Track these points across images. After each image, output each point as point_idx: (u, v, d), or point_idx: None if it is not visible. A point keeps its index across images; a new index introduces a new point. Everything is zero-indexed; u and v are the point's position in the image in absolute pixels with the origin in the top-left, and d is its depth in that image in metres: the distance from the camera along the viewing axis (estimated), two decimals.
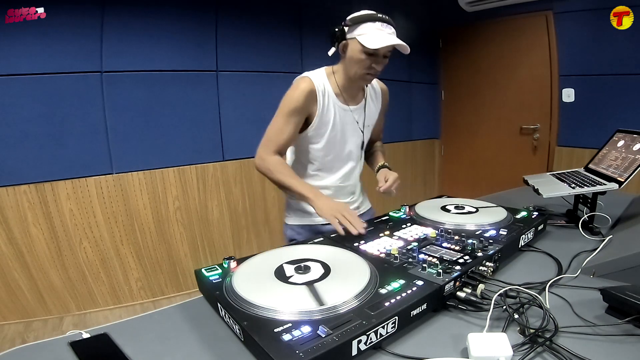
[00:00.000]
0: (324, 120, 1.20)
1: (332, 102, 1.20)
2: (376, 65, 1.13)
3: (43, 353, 0.67)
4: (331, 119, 1.20)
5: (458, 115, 3.95)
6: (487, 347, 0.59)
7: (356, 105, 1.26)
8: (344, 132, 1.24)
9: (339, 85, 1.21)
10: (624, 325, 0.67)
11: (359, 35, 1.09)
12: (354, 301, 0.68)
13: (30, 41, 2.01)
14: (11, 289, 2.17)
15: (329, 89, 1.20)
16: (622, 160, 1.24)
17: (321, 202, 1.11)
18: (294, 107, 1.14)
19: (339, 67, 1.21)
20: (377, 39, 1.07)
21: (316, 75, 1.19)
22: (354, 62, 1.13)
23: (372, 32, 1.08)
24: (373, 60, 1.12)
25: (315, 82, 1.17)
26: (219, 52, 2.56)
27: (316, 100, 1.16)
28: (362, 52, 1.10)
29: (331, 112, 1.20)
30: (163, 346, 0.68)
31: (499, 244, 0.95)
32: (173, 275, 2.62)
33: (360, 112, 1.28)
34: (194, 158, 2.58)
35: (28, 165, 2.09)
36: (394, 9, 3.39)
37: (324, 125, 1.20)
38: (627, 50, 2.66)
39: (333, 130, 1.22)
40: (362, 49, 1.09)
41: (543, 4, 3.09)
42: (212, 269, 0.86)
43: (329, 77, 1.21)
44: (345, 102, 1.23)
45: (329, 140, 1.23)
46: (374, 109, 1.34)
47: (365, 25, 1.08)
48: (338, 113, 1.21)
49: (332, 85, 1.21)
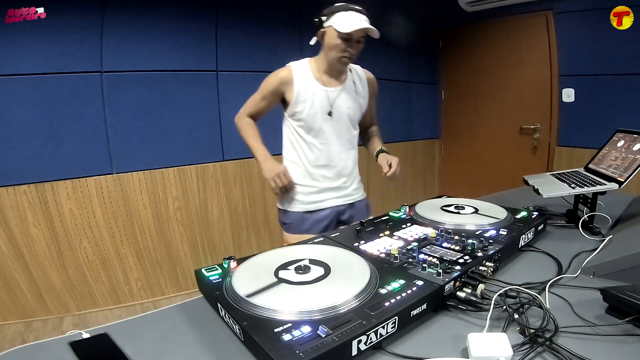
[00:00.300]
0: (301, 99, 1.35)
1: (311, 84, 1.36)
2: (351, 48, 1.28)
3: (43, 353, 0.67)
4: (309, 98, 1.35)
5: (458, 115, 3.95)
6: (487, 347, 0.59)
7: (336, 87, 1.39)
8: (323, 110, 1.37)
9: (319, 70, 1.37)
10: (624, 325, 0.67)
11: (334, 22, 1.25)
12: (354, 301, 0.68)
13: (30, 41, 2.01)
14: (11, 289, 2.17)
15: (307, 73, 1.36)
16: (622, 160, 1.24)
17: (265, 164, 1.36)
18: (267, 89, 1.38)
19: (320, 54, 1.38)
20: (349, 24, 1.22)
21: (298, 63, 1.39)
22: (331, 46, 1.29)
23: (345, 18, 1.23)
24: (348, 45, 1.27)
25: (295, 68, 1.36)
26: (219, 52, 2.56)
27: (292, 84, 1.35)
28: (337, 37, 1.25)
29: (310, 93, 1.35)
30: (163, 346, 0.68)
31: (499, 244, 0.95)
32: (173, 275, 2.62)
33: (342, 94, 1.40)
34: (194, 158, 2.58)
35: (28, 165, 2.09)
36: (394, 9, 3.40)
37: (302, 103, 1.35)
38: (627, 50, 2.66)
39: (312, 108, 1.36)
40: (337, 34, 1.25)
41: (543, 4, 3.09)
42: (212, 269, 0.86)
43: (311, 64, 1.39)
44: (323, 84, 1.37)
45: (309, 117, 1.37)
46: (362, 93, 1.46)
47: (339, 14, 1.24)
48: (317, 94, 1.36)
49: (312, 70, 1.37)
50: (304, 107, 1.35)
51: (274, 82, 1.36)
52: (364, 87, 1.46)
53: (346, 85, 1.40)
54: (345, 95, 1.40)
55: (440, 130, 4.15)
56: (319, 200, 1.44)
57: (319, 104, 1.36)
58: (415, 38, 3.64)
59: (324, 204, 1.45)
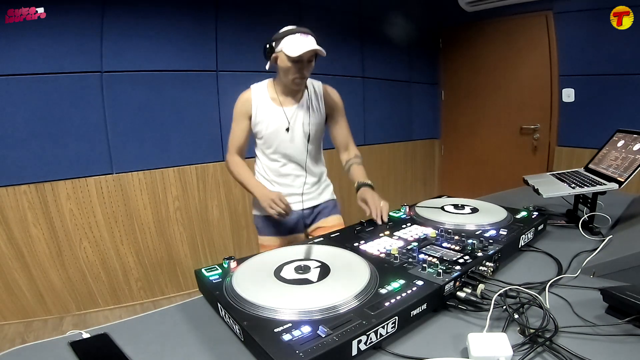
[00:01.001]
0: (259, 119, 1.43)
1: (268, 104, 1.43)
2: (303, 70, 1.32)
3: (43, 353, 0.67)
4: (265, 118, 1.42)
5: (458, 115, 3.95)
6: (487, 347, 0.59)
7: (291, 106, 1.44)
8: (279, 128, 1.43)
9: (276, 91, 1.44)
10: (624, 325, 0.67)
11: (284, 47, 1.29)
12: (354, 301, 0.69)
13: (30, 41, 2.01)
14: (11, 289, 2.17)
15: (265, 95, 1.43)
16: (622, 160, 1.24)
17: (259, 193, 1.37)
18: (237, 113, 1.45)
19: (277, 76, 1.43)
20: (297, 47, 1.25)
21: (257, 85, 1.46)
22: (284, 70, 1.33)
23: (293, 42, 1.27)
24: (299, 66, 1.31)
25: (254, 90, 1.44)
26: (219, 52, 2.56)
27: (251, 104, 1.42)
28: (288, 61, 1.29)
29: (267, 113, 1.42)
30: (163, 346, 0.68)
31: (499, 244, 0.95)
32: (173, 275, 2.62)
33: (298, 112, 1.44)
34: (194, 158, 2.58)
35: (28, 165, 2.09)
36: (394, 9, 3.40)
37: (259, 123, 1.43)
38: (627, 50, 2.66)
39: (268, 127, 1.42)
40: (287, 58, 1.28)
41: (543, 4, 3.09)
42: (212, 269, 0.86)
43: (269, 85, 1.46)
44: (280, 104, 1.43)
45: (267, 135, 1.44)
46: (318, 108, 1.49)
47: (287, 39, 1.28)
48: (273, 113, 1.42)
49: (269, 91, 1.44)
50: (262, 127, 1.43)
51: (240, 105, 1.44)
52: (320, 103, 1.50)
53: (302, 103, 1.46)
54: (302, 113, 1.45)
55: (440, 130, 4.15)
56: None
57: (275, 123, 1.42)
58: (415, 38, 3.64)
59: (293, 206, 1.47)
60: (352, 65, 3.21)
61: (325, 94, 1.51)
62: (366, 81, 3.31)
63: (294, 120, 1.44)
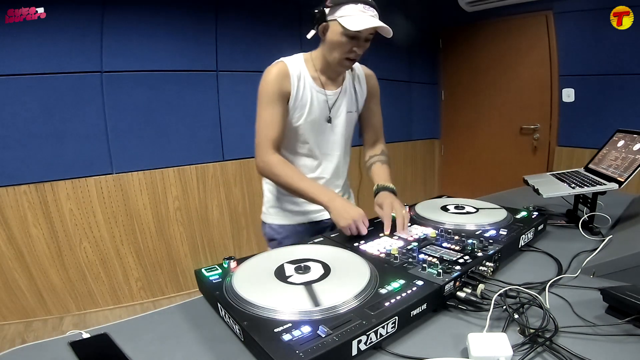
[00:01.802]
0: (299, 104, 1.14)
1: (309, 85, 1.15)
2: (357, 48, 1.08)
3: (43, 353, 0.67)
4: (307, 102, 1.15)
5: (458, 115, 3.95)
6: (487, 347, 0.59)
7: (335, 89, 1.20)
8: (322, 117, 1.19)
9: (316, 69, 1.17)
10: (624, 325, 0.67)
11: (340, 17, 1.04)
12: (354, 301, 0.68)
13: (30, 41, 2.01)
14: (11, 289, 2.17)
15: (304, 72, 1.15)
16: (622, 160, 1.24)
17: (337, 208, 1.04)
18: (272, 92, 1.11)
19: (318, 51, 1.17)
20: (359, 21, 1.02)
21: (292, 59, 1.16)
22: (334, 45, 1.08)
23: (354, 13, 1.03)
24: (354, 44, 1.07)
25: (289, 64, 1.13)
26: (219, 52, 2.56)
27: (290, 81, 1.12)
28: (342, 35, 1.05)
29: (307, 96, 1.15)
30: (163, 346, 0.68)
31: (499, 244, 0.95)
32: (173, 275, 2.62)
33: (342, 97, 1.21)
34: (194, 158, 2.58)
35: (28, 165, 2.09)
36: (394, 9, 3.40)
37: (299, 108, 1.15)
38: (627, 50, 2.66)
39: (310, 114, 1.16)
40: (342, 31, 1.04)
41: (543, 4, 3.09)
42: (212, 269, 0.86)
43: (307, 62, 1.17)
44: (322, 86, 1.17)
45: (306, 125, 1.17)
46: (361, 93, 1.27)
47: (346, 7, 1.03)
48: (315, 97, 1.16)
49: (309, 69, 1.16)
50: (301, 113, 1.15)
51: (273, 81, 1.11)
52: (362, 88, 1.28)
53: (345, 87, 1.22)
54: (345, 100, 1.22)
55: (440, 130, 4.15)
56: (314, 210, 1.26)
57: (318, 110, 1.17)
58: (416, 38, 3.64)
59: (319, 216, 1.28)
60: None
61: (367, 76, 1.28)
62: None
63: (337, 109, 1.20)
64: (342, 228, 1.04)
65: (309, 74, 1.16)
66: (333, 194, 1.10)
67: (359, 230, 1.02)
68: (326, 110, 1.19)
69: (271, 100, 1.11)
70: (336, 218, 1.04)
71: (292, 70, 1.13)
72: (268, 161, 1.13)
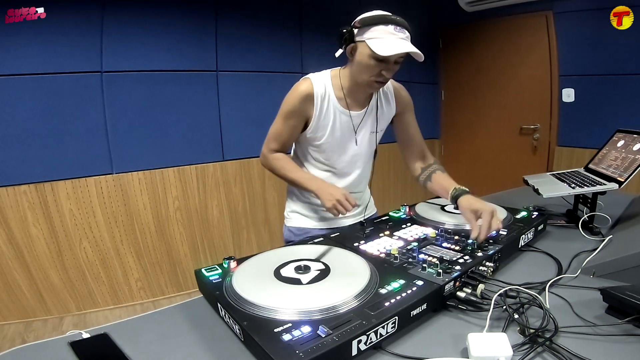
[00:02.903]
0: (322, 124, 1.15)
1: (333, 105, 1.14)
2: (386, 72, 1.05)
3: (43, 353, 0.67)
4: (329, 123, 1.15)
5: (458, 115, 3.95)
6: (487, 347, 0.59)
7: (360, 110, 1.18)
8: (344, 137, 1.18)
9: (343, 89, 1.15)
10: (624, 325, 0.67)
11: (369, 39, 1.00)
12: (354, 301, 0.68)
13: (30, 41, 2.01)
14: (11, 289, 2.17)
15: (330, 92, 1.14)
16: (622, 160, 1.24)
17: (319, 189, 1.11)
18: (290, 109, 1.13)
19: (346, 70, 1.14)
20: (389, 45, 0.98)
21: (318, 77, 1.14)
22: (362, 67, 1.05)
23: (383, 36, 0.99)
24: (383, 67, 1.03)
25: (316, 84, 1.12)
26: (219, 52, 2.56)
27: (313, 103, 1.12)
28: (371, 58, 1.01)
29: (330, 116, 1.14)
30: (163, 346, 0.68)
31: (499, 244, 0.95)
32: (173, 275, 2.62)
33: (367, 117, 1.20)
34: (194, 158, 2.58)
35: (28, 165, 2.09)
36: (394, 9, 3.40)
37: (321, 129, 1.15)
38: (627, 50, 2.66)
39: (332, 135, 1.16)
40: (371, 54, 1.00)
41: (543, 4, 3.09)
42: (212, 269, 0.86)
43: (334, 80, 1.15)
44: (347, 107, 1.16)
45: (327, 145, 1.17)
46: (388, 112, 1.25)
47: (376, 28, 0.99)
48: (338, 118, 1.15)
49: (335, 89, 1.15)
50: (324, 133, 1.15)
51: (295, 100, 1.12)
52: (391, 105, 1.25)
53: (371, 107, 1.20)
54: (370, 120, 1.20)
55: (440, 130, 4.15)
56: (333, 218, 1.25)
57: (340, 131, 1.16)
58: (415, 38, 3.63)
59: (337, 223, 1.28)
60: None
61: (396, 90, 1.26)
62: None
63: (362, 129, 1.19)
64: (329, 210, 1.08)
65: (334, 93, 1.15)
66: (321, 181, 1.15)
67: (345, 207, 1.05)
68: (350, 131, 1.19)
69: (288, 115, 1.14)
70: (323, 202, 1.09)
71: (317, 90, 1.12)
72: (268, 156, 1.21)
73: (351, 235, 1.06)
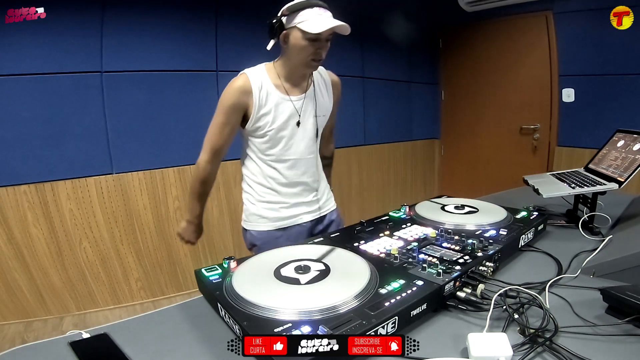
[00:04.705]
0: (263, 113, 1.19)
1: (273, 94, 1.20)
2: (320, 50, 1.14)
3: (43, 353, 0.67)
4: (271, 110, 1.19)
5: (458, 115, 3.95)
6: (487, 347, 0.59)
7: (299, 95, 1.24)
8: (288, 123, 1.23)
9: (280, 77, 1.22)
10: (624, 325, 0.67)
11: (299, 22, 1.09)
12: (354, 301, 0.68)
13: (30, 41, 2.01)
14: (11, 289, 2.17)
15: (267, 82, 1.20)
16: (622, 160, 1.24)
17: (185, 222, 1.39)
18: (228, 104, 1.17)
19: (280, 60, 1.22)
20: (318, 24, 1.07)
21: (253, 71, 1.22)
22: (297, 50, 1.13)
23: (312, 17, 1.08)
24: (317, 46, 1.12)
25: (251, 76, 1.19)
26: (219, 52, 2.56)
27: (251, 94, 1.17)
28: (304, 39, 1.11)
29: (271, 104, 1.19)
30: (163, 346, 0.68)
31: (499, 244, 0.95)
32: (173, 275, 2.62)
33: (308, 101, 1.26)
34: (194, 158, 2.55)
35: (28, 165, 2.09)
36: (394, 8, 3.40)
37: (262, 118, 1.20)
38: (627, 50, 2.66)
39: (275, 121, 1.20)
40: (303, 35, 1.10)
41: (543, 4, 3.09)
42: (212, 269, 0.86)
43: (269, 71, 1.22)
44: (286, 92, 1.22)
45: (272, 132, 1.21)
46: (327, 98, 1.32)
47: (303, 12, 1.09)
48: (280, 104, 1.21)
49: (271, 78, 1.21)
50: (266, 121, 1.19)
51: (232, 95, 1.17)
52: (328, 92, 1.32)
53: (310, 92, 1.26)
54: (311, 103, 1.26)
55: (440, 130, 4.15)
56: (291, 215, 1.30)
57: (283, 116, 1.21)
58: (415, 38, 3.64)
59: (296, 220, 1.31)
60: (352, 65, 3.20)
61: (334, 83, 1.34)
62: (366, 81, 3.30)
63: (304, 112, 1.24)
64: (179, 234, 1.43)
65: (271, 82, 1.21)
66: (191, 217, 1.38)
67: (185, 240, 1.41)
68: (293, 115, 1.23)
69: (226, 112, 1.19)
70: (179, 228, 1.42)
71: (254, 82, 1.18)
72: (198, 165, 1.31)
73: (351, 235, 1.06)
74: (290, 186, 1.28)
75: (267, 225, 1.30)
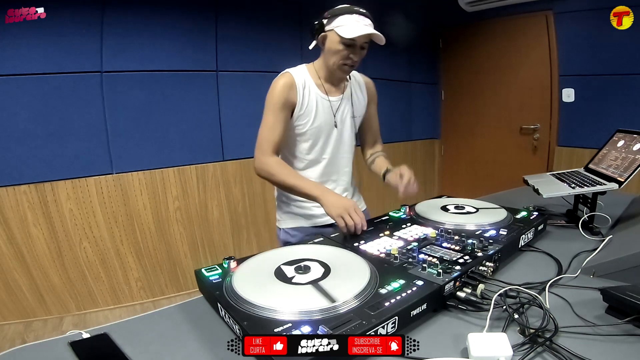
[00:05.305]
0: (306, 110, 1.22)
1: (314, 93, 1.24)
2: (353, 55, 1.17)
3: (43, 353, 0.67)
4: (313, 109, 1.23)
5: (458, 115, 3.95)
6: (487, 347, 0.59)
7: (338, 96, 1.28)
8: (327, 122, 1.26)
9: (320, 77, 1.26)
10: (624, 325, 0.67)
11: (336, 27, 1.14)
12: (354, 301, 0.68)
13: (30, 41, 2.01)
14: (11, 289, 2.17)
15: (309, 81, 1.24)
16: (622, 160, 1.24)
17: (328, 200, 1.11)
18: (277, 101, 1.18)
19: (320, 60, 1.26)
20: (353, 29, 1.12)
21: (296, 70, 1.25)
22: (332, 52, 1.18)
23: (349, 23, 1.13)
24: (350, 51, 1.16)
25: (295, 75, 1.21)
26: (219, 52, 2.56)
27: (296, 91, 1.20)
28: (339, 43, 1.15)
29: (313, 103, 1.23)
30: (163, 346, 0.68)
31: (499, 244, 0.95)
32: (173, 275, 2.62)
33: (345, 103, 1.30)
34: (194, 158, 2.58)
35: (28, 165, 2.09)
36: (394, 9, 3.40)
37: (305, 115, 1.22)
38: (627, 50, 2.66)
39: (315, 120, 1.24)
40: (339, 39, 1.14)
41: (543, 4, 3.09)
42: (212, 269, 0.86)
43: (310, 70, 1.26)
44: (326, 92, 1.26)
45: (312, 130, 1.24)
46: (362, 100, 1.37)
47: (342, 17, 1.14)
48: (320, 103, 1.24)
49: (312, 78, 1.25)
50: (308, 119, 1.22)
51: (280, 91, 1.18)
52: (363, 94, 1.37)
53: (347, 94, 1.31)
54: (348, 105, 1.30)
55: (440, 130, 4.15)
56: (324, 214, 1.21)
57: (322, 116, 1.24)
58: (415, 38, 3.64)
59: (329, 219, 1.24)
60: None
61: (367, 84, 1.39)
62: None
63: (341, 114, 1.28)
64: (335, 218, 1.08)
65: (313, 82, 1.25)
66: (324, 188, 1.18)
67: (353, 219, 1.05)
68: (331, 115, 1.27)
69: (276, 109, 1.19)
70: (328, 209, 1.10)
71: (298, 80, 1.21)
72: (266, 161, 1.20)
73: (351, 236, 1.06)
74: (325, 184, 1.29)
75: (301, 224, 1.32)
